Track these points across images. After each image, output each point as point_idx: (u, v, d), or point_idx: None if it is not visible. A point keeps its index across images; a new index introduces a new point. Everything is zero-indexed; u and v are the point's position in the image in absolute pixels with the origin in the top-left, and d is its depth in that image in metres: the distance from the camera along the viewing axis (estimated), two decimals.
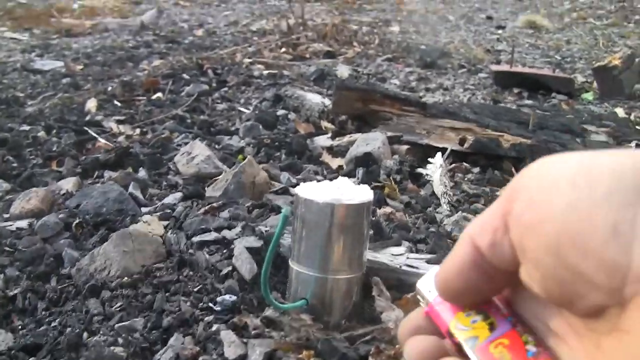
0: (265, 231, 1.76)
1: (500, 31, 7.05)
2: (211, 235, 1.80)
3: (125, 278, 1.63)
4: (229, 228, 1.85)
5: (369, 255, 1.56)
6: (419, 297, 0.57)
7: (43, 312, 1.58)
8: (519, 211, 0.45)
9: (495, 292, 0.52)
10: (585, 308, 0.43)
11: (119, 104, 3.54)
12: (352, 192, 1.42)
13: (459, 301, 0.53)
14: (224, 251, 1.73)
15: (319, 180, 1.53)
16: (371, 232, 1.73)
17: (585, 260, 0.41)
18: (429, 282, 0.56)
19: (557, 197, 0.43)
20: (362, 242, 1.47)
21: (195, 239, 1.80)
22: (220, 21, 7.02)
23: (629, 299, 0.39)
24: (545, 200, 0.44)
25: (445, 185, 2.32)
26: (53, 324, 1.52)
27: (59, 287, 1.67)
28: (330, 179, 1.81)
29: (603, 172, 0.42)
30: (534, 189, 0.45)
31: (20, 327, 1.55)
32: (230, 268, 1.64)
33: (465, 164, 2.66)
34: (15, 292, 1.66)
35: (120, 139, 2.93)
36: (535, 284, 0.46)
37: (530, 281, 0.46)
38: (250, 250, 1.66)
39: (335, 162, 2.65)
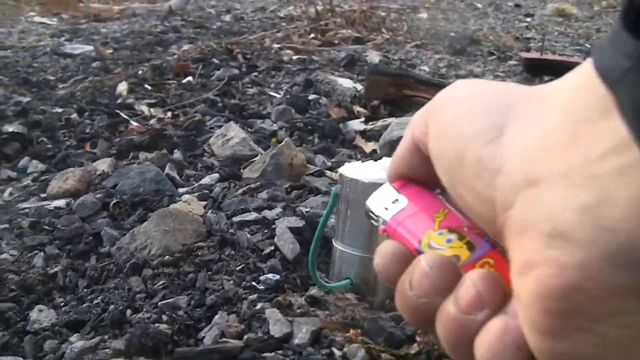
0: (306, 212, 1.75)
1: (528, 19, 7.00)
2: (251, 216, 1.80)
3: (167, 257, 1.63)
4: (269, 208, 1.84)
5: None
6: (370, 215, 0.55)
7: (84, 290, 1.59)
8: (430, 134, 0.49)
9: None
10: (488, 233, 0.47)
11: (149, 87, 3.54)
12: None
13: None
14: (265, 231, 1.72)
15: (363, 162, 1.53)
16: None
17: (467, 193, 0.44)
18: (381, 200, 0.54)
19: (447, 130, 0.46)
20: None
21: (236, 218, 1.80)
22: (247, 7, 7.01)
23: (502, 228, 0.41)
24: (440, 132, 0.47)
25: None
26: (95, 301, 1.52)
27: (99, 265, 1.68)
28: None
29: (479, 108, 0.45)
30: (438, 117, 0.48)
31: (62, 304, 1.55)
32: (272, 248, 1.64)
33: None
34: (56, 269, 1.67)
35: (152, 121, 2.93)
36: None
37: None
38: (292, 230, 1.66)
39: (368, 146, 2.64)
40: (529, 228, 0.38)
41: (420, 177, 0.53)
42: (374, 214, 0.54)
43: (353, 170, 1.41)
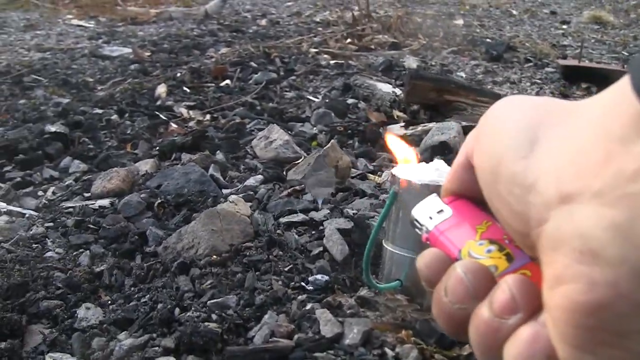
0: (354, 214, 1.75)
1: (565, 26, 6.94)
2: (298, 217, 1.80)
3: (214, 256, 1.63)
4: (316, 210, 1.84)
5: None
6: (415, 223, 0.56)
7: (131, 288, 1.59)
8: (474, 151, 0.50)
9: None
10: (522, 246, 0.47)
11: (188, 90, 3.56)
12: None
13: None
14: (313, 232, 1.72)
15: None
16: None
17: (503, 207, 0.45)
18: (427, 209, 0.55)
19: (484, 147, 0.48)
20: None
21: (283, 219, 1.80)
22: (282, 12, 7.03)
23: (535, 243, 0.42)
24: (479, 148, 0.49)
25: None
26: (143, 300, 1.52)
27: (145, 264, 1.68)
28: None
29: (513, 124, 0.46)
30: (480, 134, 0.50)
31: (109, 302, 1.55)
32: (320, 249, 1.64)
33: None
34: (102, 268, 1.67)
35: (192, 124, 2.94)
36: None
37: None
38: (341, 231, 1.65)
39: None
40: (561, 244, 0.38)
41: (473, 194, 0.54)
42: (418, 222, 0.56)
43: (406, 171, 1.39)
